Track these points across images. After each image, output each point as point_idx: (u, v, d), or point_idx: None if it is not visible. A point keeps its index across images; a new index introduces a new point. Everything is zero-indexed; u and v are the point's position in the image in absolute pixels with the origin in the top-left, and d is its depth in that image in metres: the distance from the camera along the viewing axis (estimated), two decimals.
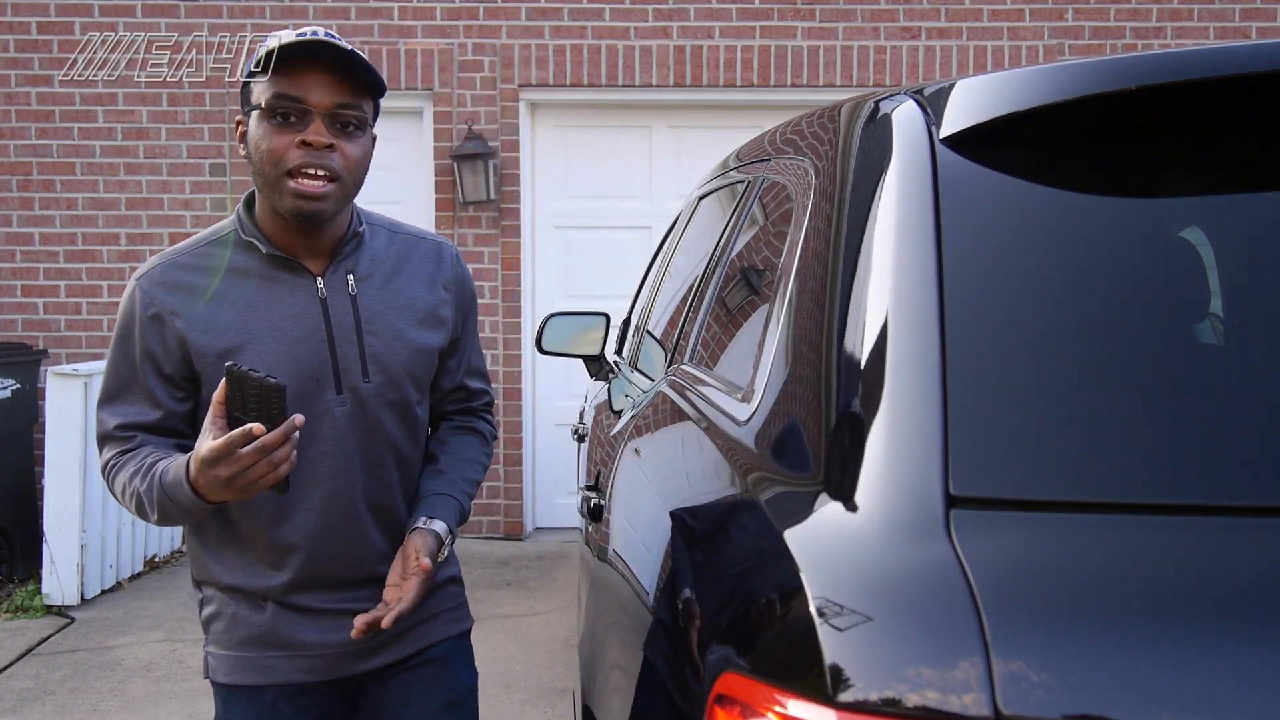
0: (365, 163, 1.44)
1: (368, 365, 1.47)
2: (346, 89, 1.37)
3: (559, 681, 3.54)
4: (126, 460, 1.45)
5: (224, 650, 1.51)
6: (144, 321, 1.45)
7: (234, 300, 1.44)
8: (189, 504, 1.33)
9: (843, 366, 0.99)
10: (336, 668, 1.52)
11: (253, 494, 1.30)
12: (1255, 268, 1.01)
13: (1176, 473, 0.83)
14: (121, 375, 1.48)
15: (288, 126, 1.36)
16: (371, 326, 1.49)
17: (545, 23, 5.27)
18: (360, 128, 1.41)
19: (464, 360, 1.67)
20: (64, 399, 4.23)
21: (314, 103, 1.36)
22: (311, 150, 1.36)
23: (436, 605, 1.61)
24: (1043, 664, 0.71)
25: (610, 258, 5.47)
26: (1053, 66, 1.00)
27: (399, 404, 1.52)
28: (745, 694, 0.83)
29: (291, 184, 1.36)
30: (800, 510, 0.93)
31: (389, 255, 1.55)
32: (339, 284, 1.48)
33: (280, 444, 1.26)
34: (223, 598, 1.52)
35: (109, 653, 3.80)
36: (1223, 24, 5.31)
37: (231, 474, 1.25)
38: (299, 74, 1.35)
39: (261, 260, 1.46)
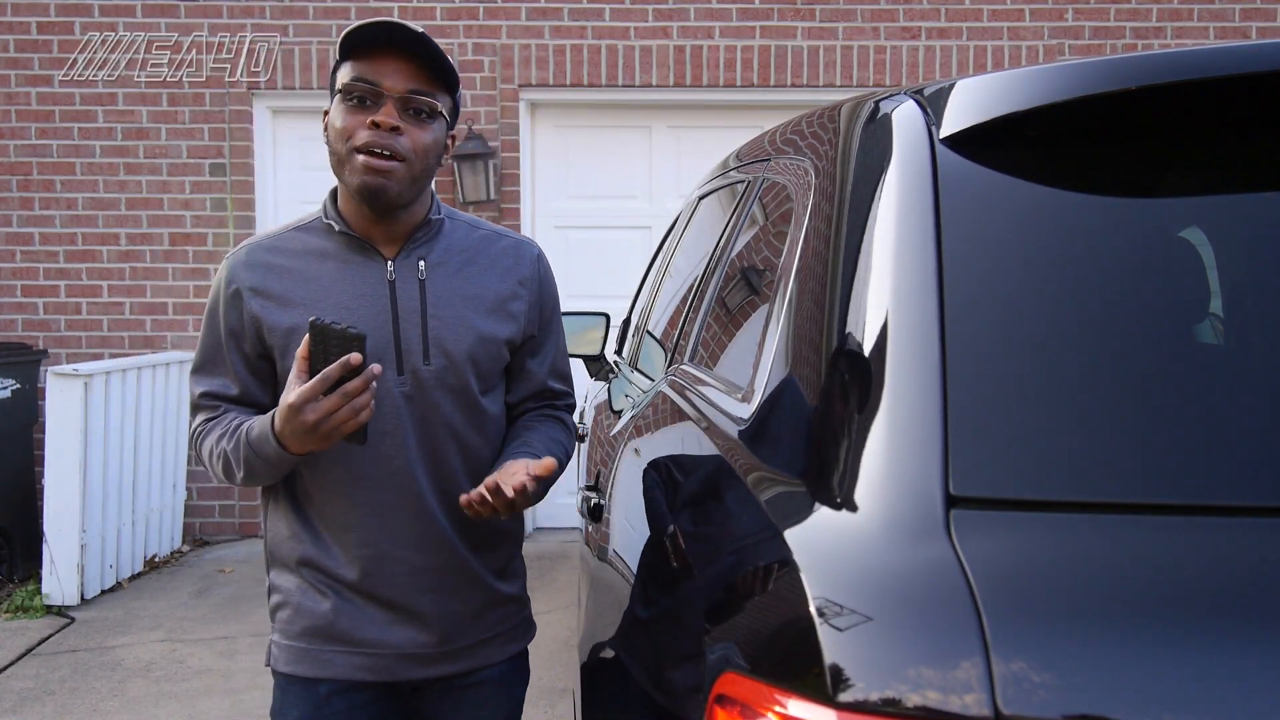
0: (435, 150, 1.48)
1: (429, 348, 1.50)
2: (420, 76, 1.43)
3: (559, 681, 3.54)
4: (213, 426, 1.52)
5: (286, 640, 1.55)
6: (226, 299, 1.52)
7: (309, 279, 1.50)
8: (274, 456, 1.40)
9: (843, 366, 0.99)
10: (392, 670, 1.53)
11: (334, 440, 1.36)
12: (1255, 268, 1.01)
13: (1176, 473, 0.83)
14: (208, 349, 1.56)
15: (361, 108, 1.42)
16: (437, 311, 1.51)
17: (545, 23, 5.27)
18: (431, 115, 1.46)
19: (546, 361, 1.67)
20: (64, 399, 4.23)
21: (387, 87, 1.41)
22: (379, 131, 1.41)
23: (495, 626, 1.62)
24: (1043, 664, 0.71)
25: (610, 258, 5.47)
26: (1053, 66, 1.00)
27: (459, 389, 1.53)
28: (745, 694, 0.83)
29: (359, 159, 1.42)
30: (800, 510, 0.93)
31: (465, 246, 1.58)
32: (409, 269, 1.52)
33: (361, 390, 1.33)
34: (290, 585, 1.55)
35: (109, 653, 3.80)
36: (1223, 24, 5.31)
37: (317, 419, 1.32)
38: (376, 59, 1.41)
39: (338, 243, 1.52)
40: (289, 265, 1.51)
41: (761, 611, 0.90)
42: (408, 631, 1.52)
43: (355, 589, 1.52)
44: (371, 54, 1.41)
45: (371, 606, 1.52)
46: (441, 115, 1.47)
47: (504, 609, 1.63)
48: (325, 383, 1.31)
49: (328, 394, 1.32)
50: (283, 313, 1.49)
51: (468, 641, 1.58)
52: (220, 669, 3.62)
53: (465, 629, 1.57)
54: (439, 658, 1.55)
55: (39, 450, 4.69)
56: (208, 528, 5.37)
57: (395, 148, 1.42)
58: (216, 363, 1.55)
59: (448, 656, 1.56)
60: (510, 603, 1.65)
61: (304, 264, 1.51)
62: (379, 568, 1.51)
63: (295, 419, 1.33)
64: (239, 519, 5.36)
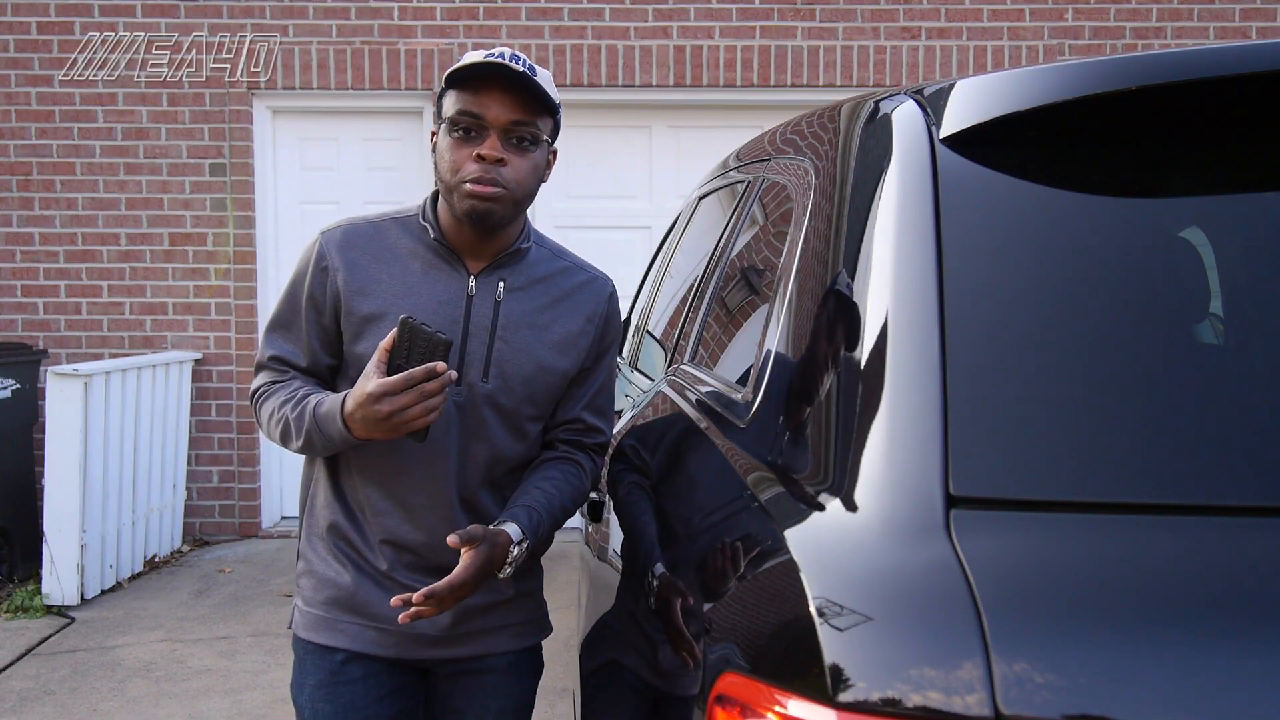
0: (537, 175, 1.54)
1: (490, 367, 1.55)
2: (521, 107, 1.48)
3: (559, 681, 3.54)
4: (278, 389, 1.58)
5: (307, 607, 1.61)
6: (315, 271, 1.57)
7: (395, 273, 1.56)
8: (337, 436, 1.46)
9: (842, 366, 0.99)
10: (404, 647, 1.58)
11: (400, 434, 1.43)
12: (1255, 268, 1.01)
13: (1176, 473, 0.83)
14: (286, 313, 1.61)
15: (467, 140, 1.49)
16: (505, 334, 1.56)
17: (545, 23, 5.27)
18: (534, 143, 1.51)
19: (588, 392, 1.68)
20: (64, 399, 4.23)
21: (491, 119, 1.47)
22: (485, 164, 1.47)
23: (508, 617, 1.65)
24: (1043, 664, 0.71)
25: (610, 258, 5.43)
26: (1053, 66, 1.00)
27: (508, 412, 1.58)
28: (745, 694, 0.83)
29: (468, 187, 1.48)
30: (800, 510, 0.93)
31: (546, 276, 1.63)
32: (489, 287, 1.57)
33: (437, 393, 1.40)
34: (318, 553, 1.61)
35: (109, 653, 3.80)
36: (1223, 24, 5.31)
37: (391, 410, 1.39)
38: (480, 92, 1.47)
39: (429, 246, 1.57)
40: (378, 254, 1.57)
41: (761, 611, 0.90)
42: None
43: (375, 569, 1.58)
44: (476, 86, 1.47)
45: (389, 586, 1.57)
46: (543, 140, 1.53)
47: (518, 603, 1.67)
48: (409, 381, 1.38)
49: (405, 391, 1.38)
50: (363, 300, 1.54)
51: (478, 627, 1.62)
52: (220, 669, 3.62)
53: (477, 617, 1.61)
54: (449, 640, 1.60)
55: (39, 450, 4.69)
56: (208, 528, 5.37)
57: (499, 180, 1.48)
58: (292, 328, 1.60)
59: (458, 640, 1.61)
60: (525, 598, 1.68)
61: (393, 258, 1.57)
62: (400, 557, 1.57)
63: (370, 406, 1.40)
64: (239, 519, 5.36)
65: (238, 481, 5.34)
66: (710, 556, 1.09)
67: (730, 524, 1.10)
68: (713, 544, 1.11)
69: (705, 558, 1.11)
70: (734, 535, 1.07)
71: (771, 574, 0.90)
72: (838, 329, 1.03)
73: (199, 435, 5.30)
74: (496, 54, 1.47)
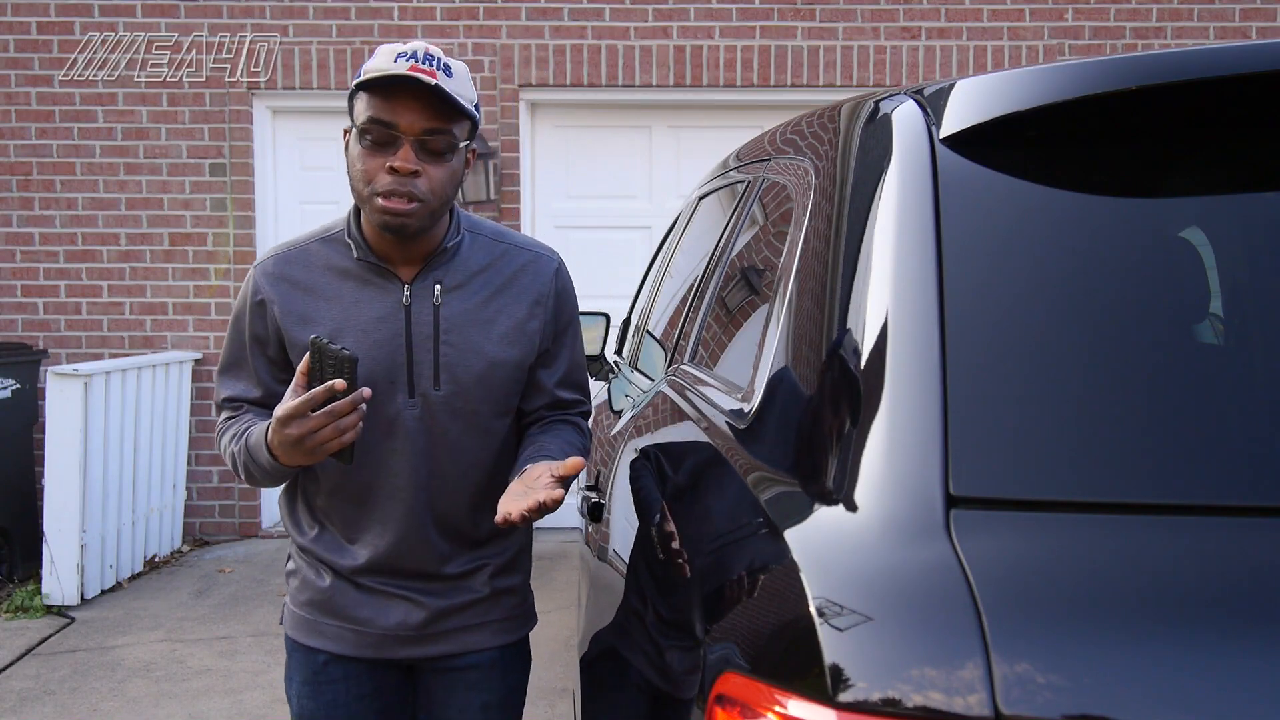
0: (454, 181, 1.49)
1: (440, 373, 1.53)
2: (435, 114, 1.42)
3: (559, 681, 3.54)
4: (230, 425, 1.59)
5: (294, 606, 1.65)
6: (252, 307, 1.57)
7: (329, 297, 1.54)
8: (267, 465, 1.46)
9: (842, 366, 0.99)
10: (383, 648, 1.60)
11: (320, 458, 1.40)
12: (1255, 268, 1.01)
13: (1176, 473, 0.83)
14: (233, 353, 1.62)
15: (379, 150, 1.42)
16: (449, 337, 1.53)
17: (545, 23, 5.27)
18: (450, 151, 1.46)
19: (557, 373, 1.67)
20: (64, 399, 4.23)
21: (403, 128, 1.41)
22: (398, 176, 1.42)
23: (488, 614, 1.65)
24: (1043, 664, 0.71)
25: (610, 258, 5.47)
26: (1053, 66, 1.00)
27: (468, 414, 1.56)
28: (745, 694, 0.83)
29: (379, 202, 1.43)
30: (800, 510, 0.93)
31: (484, 267, 1.58)
32: (425, 293, 1.53)
33: (348, 412, 1.36)
34: (300, 558, 1.65)
35: (109, 653, 3.80)
36: (1223, 24, 5.31)
37: (301, 434, 1.36)
38: (392, 98, 1.40)
39: (357, 263, 1.54)
40: (311, 281, 1.54)
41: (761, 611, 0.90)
42: (396, 614, 1.59)
43: (351, 578, 1.59)
44: (388, 92, 1.40)
45: (367, 591, 1.59)
46: (458, 145, 1.47)
47: (500, 600, 1.66)
48: (310, 402, 1.35)
49: (315, 411, 1.35)
50: (303, 329, 1.52)
51: (455, 626, 1.62)
52: (220, 669, 3.62)
53: (454, 617, 1.62)
54: (425, 639, 1.61)
55: (39, 450, 4.69)
56: (208, 528, 5.37)
57: (413, 192, 1.42)
58: (240, 366, 1.61)
59: (434, 639, 1.61)
60: (507, 595, 1.68)
61: (325, 280, 1.54)
62: (377, 567, 1.59)
63: (281, 431, 1.38)
64: (239, 519, 5.36)
65: (238, 481, 5.34)
66: (710, 557, 1.09)
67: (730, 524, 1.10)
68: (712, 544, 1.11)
69: (705, 558, 1.11)
70: (734, 535, 1.07)
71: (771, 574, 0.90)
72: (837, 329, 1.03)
73: (199, 435, 5.30)
74: (409, 53, 1.39)
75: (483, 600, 1.63)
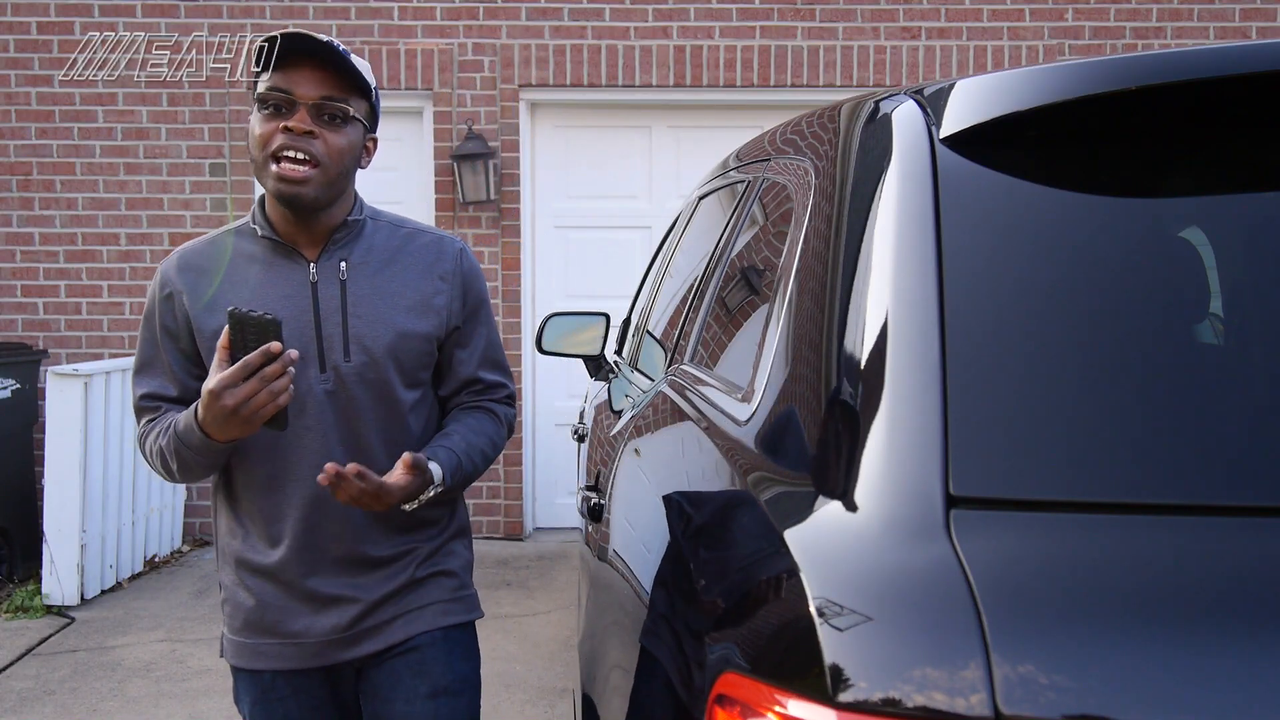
0: (350, 153, 1.53)
1: (349, 345, 1.56)
2: (332, 83, 1.49)
3: (559, 681, 3.54)
4: (152, 426, 1.59)
5: (230, 634, 1.64)
6: (161, 301, 1.59)
7: (236, 282, 1.56)
8: (200, 444, 1.46)
9: (843, 366, 0.99)
10: (324, 655, 1.60)
11: (255, 427, 1.40)
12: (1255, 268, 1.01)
13: (1176, 473, 0.83)
14: (146, 351, 1.62)
15: (276, 115, 1.48)
16: (357, 310, 1.57)
17: (545, 23, 5.27)
18: (345, 120, 1.51)
19: (475, 352, 1.70)
20: (64, 399, 4.23)
21: (300, 95, 1.47)
22: (292, 135, 1.46)
23: (426, 597, 1.65)
24: (1043, 664, 0.71)
25: (610, 258, 5.47)
26: (1053, 66, 1.00)
27: (378, 383, 1.58)
28: (745, 694, 0.83)
29: (274, 168, 1.47)
30: (800, 510, 0.93)
31: (387, 247, 1.63)
32: (331, 270, 1.57)
33: (279, 375, 1.37)
34: (230, 582, 1.63)
35: (109, 653, 3.80)
36: (1223, 24, 5.31)
37: (236, 403, 1.36)
38: (289, 69, 1.47)
39: (263, 246, 1.58)
40: (218, 269, 1.57)
41: (761, 611, 0.90)
42: (329, 619, 1.59)
43: (278, 580, 1.59)
44: (285, 64, 1.47)
45: (295, 597, 1.59)
46: (356, 119, 1.52)
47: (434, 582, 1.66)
48: (246, 369, 1.36)
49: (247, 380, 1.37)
50: (211, 316, 1.54)
51: (390, 615, 1.62)
52: (220, 669, 3.62)
53: (387, 607, 1.62)
54: (362, 636, 1.61)
55: (39, 450, 4.69)
56: (208, 528, 5.37)
57: (309, 150, 1.47)
58: (154, 364, 1.61)
59: (371, 633, 1.61)
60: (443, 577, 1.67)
61: (232, 268, 1.57)
62: (301, 558, 1.58)
63: (215, 404, 1.38)
64: None
65: None
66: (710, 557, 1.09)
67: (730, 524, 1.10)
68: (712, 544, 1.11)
69: (705, 558, 1.11)
70: (734, 535, 1.07)
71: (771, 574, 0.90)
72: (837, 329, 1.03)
73: None
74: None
75: (418, 583, 1.64)
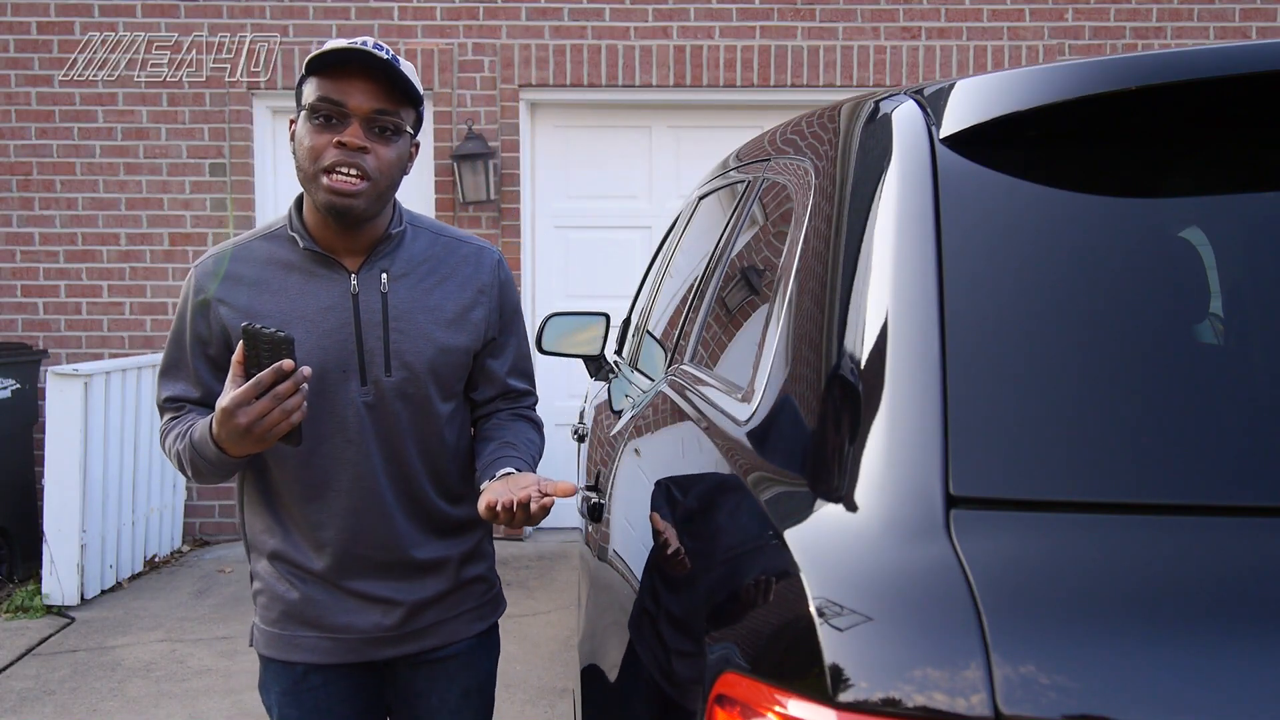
0: (400, 166, 1.53)
1: (390, 360, 1.56)
2: (384, 96, 1.46)
3: (559, 681, 3.54)
4: (174, 425, 1.59)
5: (264, 625, 1.65)
6: (194, 307, 1.57)
7: (275, 291, 1.55)
8: (214, 457, 1.45)
9: (843, 366, 0.99)
10: (361, 652, 1.62)
11: (270, 444, 1.40)
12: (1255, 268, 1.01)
13: (1176, 473, 0.83)
14: (173, 354, 1.62)
15: (328, 127, 1.46)
16: (399, 324, 1.57)
17: (545, 23, 5.27)
18: (396, 133, 1.50)
19: (507, 361, 1.72)
20: (64, 399, 4.23)
21: (353, 107, 1.45)
22: (346, 150, 1.45)
23: (462, 604, 1.69)
24: (1043, 664, 0.71)
25: (610, 258, 5.47)
26: (1053, 66, 1.00)
27: (418, 398, 1.59)
28: (745, 694, 0.83)
29: (325, 180, 1.45)
30: (800, 510, 0.93)
31: (427, 257, 1.62)
32: (372, 281, 1.56)
33: (291, 393, 1.36)
34: (266, 573, 1.64)
35: (109, 653, 3.80)
36: (1223, 24, 5.31)
37: (249, 421, 1.35)
38: (342, 79, 1.44)
39: (303, 255, 1.56)
40: (256, 276, 1.55)
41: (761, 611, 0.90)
42: (373, 616, 1.61)
43: (323, 579, 1.60)
44: (337, 73, 1.44)
45: (339, 594, 1.61)
46: (406, 131, 1.52)
47: (470, 589, 1.71)
48: (258, 387, 1.34)
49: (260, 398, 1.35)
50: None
51: (431, 621, 1.66)
52: (220, 669, 3.62)
53: (429, 612, 1.65)
54: (404, 638, 1.64)
55: (39, 450, 4.69)
56: (208, 528, 5.37)
57: (362, 166, 1.46)
58: (180, 367, 1.60)
59: (412, 636, 1.65)
60: (477, 583, 1.72)
61: (270, 275, 1.55)
62: (345, 564, 1.60)
63: (229, 422, 1.37)
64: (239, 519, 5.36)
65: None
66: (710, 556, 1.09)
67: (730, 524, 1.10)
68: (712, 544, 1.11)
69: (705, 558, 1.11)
70: (734, 535, 1.07)
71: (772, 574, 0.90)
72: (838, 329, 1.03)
73: None
74: (360, 41, 1.44)
75: (454, 591, 1.67)
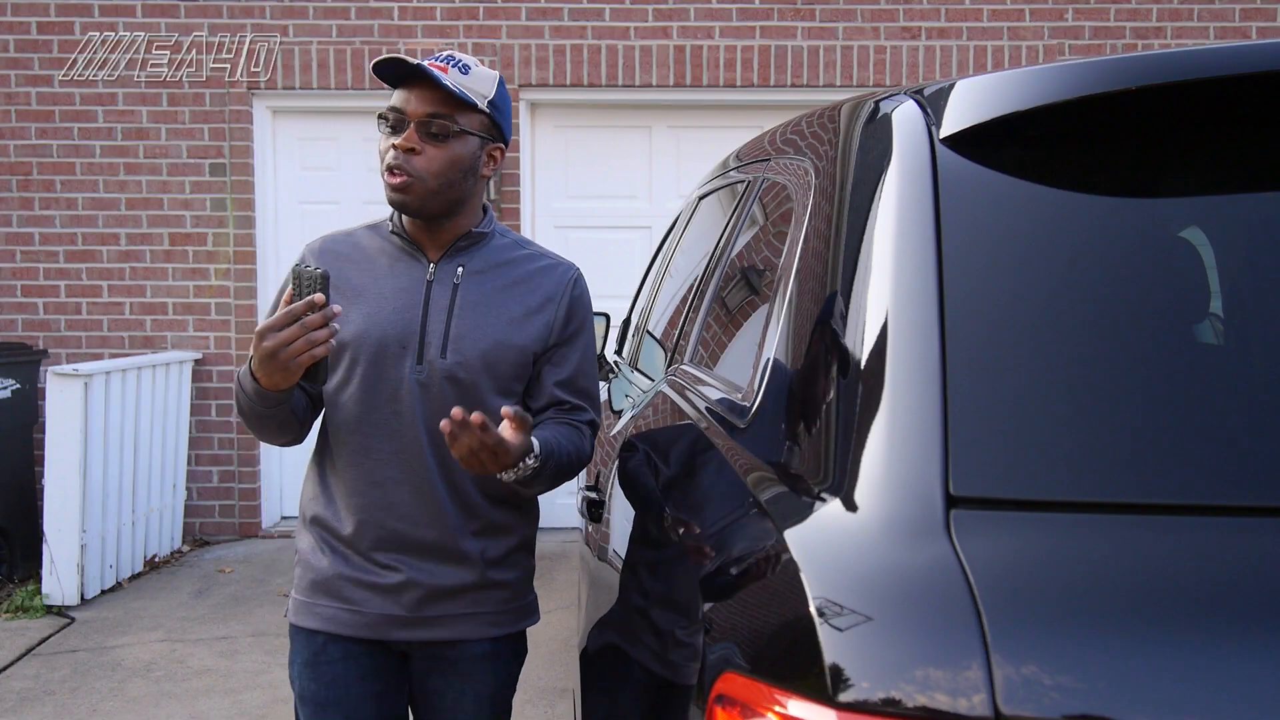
0: (457, 166, 1.63)
1: (448, 344, 1.65)
2: (439, 100, 1.60)
3: (559, 681, 3.54)
4: None
5: (296, 593, 1.73)
6: (292, 272, 1.65)
7: (362, 268, 1.70)
8: (251, 389, 1.54)
9: (843, 367, 0.99)
10: (376, 629, 1.67)
11: (295, 375, 1.48)
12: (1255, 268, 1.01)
13: (1176, 473, 0.83)
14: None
15: (392, 133, 1.63)
16: (463, 313, 1.66)
17: (545, 23, 5.27)
18: (450, 135, 1.61)
19: (565, 372, 1.71)
20: (64, 399, 4.23)
21: (410, 113, 1.60)
22: (397, 152, 1.60)
23: (482, 604, 1.70)
24: (1043, 664, 0.71)
25: (610, 258, 5.47)
26: (1053, 66, 1.00)
27: (468, 385, 1.65)
28: (745, 694, 0.83)
29: (386, 178, 1.62)
30: (800, 510, 0.93)
31: (505, 261, 1.72)
32: (448, 273, 1.68)
33: (320, 326, 1.44)
34: (305, 542, 1.72)
35: (109, 653, 3.80)
36: (1223, 24, 5.31)
37: (275, 346, 1.44)
38: (403, 88, 1.62)
39: (394, 244, 1.71)
40: (352, 256, 1.71)
41: (762, 611, 0.90)
42: (389, 595, 1.66)
43: (350, 545, 1.66)
44: (401, 84, 1.62)
45: (362, 564, 1.66)
46: (466, 133, 1.62)
47: (494, 592, 1.70)
48: (290, 316, 1.44)
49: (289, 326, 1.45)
50: (337, 295, 1.65)
51: (447, 612, 1.68)
52: (220, 669, 3.62)
53: (446, 602, 1.67)
54: (417, 622, 1.67)
55: (39, 450, 4.69)
56: (208, 528, 5.37)
57: (406, 168, 1.59)
58: None
59: (425, 623, 1.67)
60: (501, 588, 1.71)
61: (361, 255, 1.72)
62: (371, 533, 1.65)
63: (258, 344, 1.46)
64: (239, 519, 5.36)
65: (238, 481, 5.34)
66: (710, 556, 1.09)
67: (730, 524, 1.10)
68: (713, 544, 1.11)
69: (705, 558, 1.11)
70: (734, 535, 1.07)
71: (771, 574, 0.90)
72: (838, 329, 1.03)
73: (199, 435, 5.30)
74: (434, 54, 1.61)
75: (476, 589, 1.68)
